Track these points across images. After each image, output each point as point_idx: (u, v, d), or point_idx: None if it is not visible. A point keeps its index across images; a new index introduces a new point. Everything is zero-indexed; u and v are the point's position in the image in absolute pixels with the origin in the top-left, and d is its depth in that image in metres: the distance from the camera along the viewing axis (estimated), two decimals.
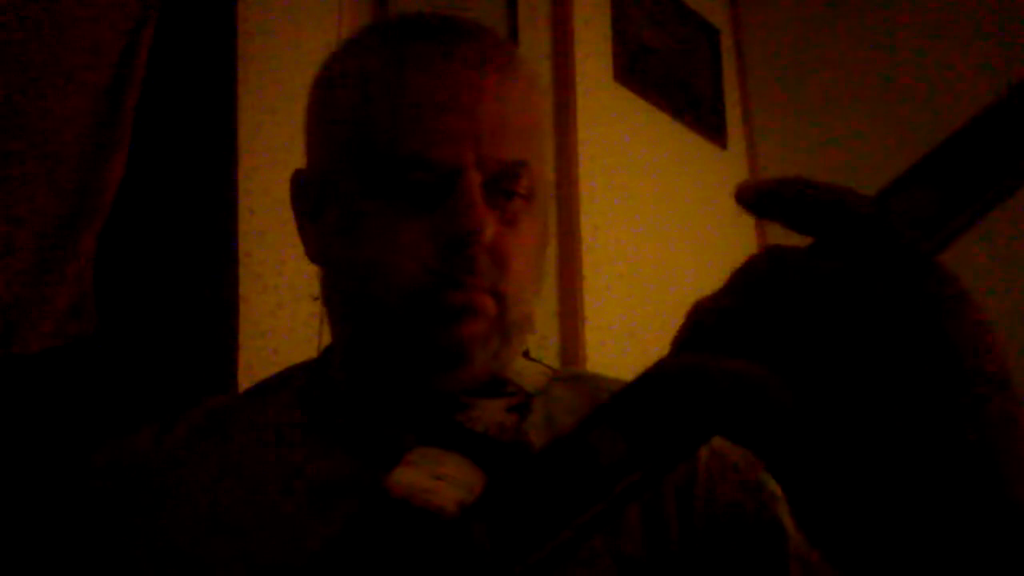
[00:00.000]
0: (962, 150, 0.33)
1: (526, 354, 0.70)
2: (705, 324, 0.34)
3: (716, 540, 0.57)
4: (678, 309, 0.35)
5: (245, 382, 1.24)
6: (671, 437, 0.33)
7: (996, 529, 0.30)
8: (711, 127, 2.49)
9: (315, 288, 1.38)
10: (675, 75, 2.38)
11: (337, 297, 0.66)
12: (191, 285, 1.26)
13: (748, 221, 2.59)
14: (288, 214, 0.68)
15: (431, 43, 0.61)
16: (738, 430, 0.33)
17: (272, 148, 1.40)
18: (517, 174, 0.61)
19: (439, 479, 0.55)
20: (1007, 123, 0.33)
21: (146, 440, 0.67)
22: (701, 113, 2.46)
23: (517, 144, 0.61)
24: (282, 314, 1.39)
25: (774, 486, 0.59)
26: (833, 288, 0.31)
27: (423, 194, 0.59)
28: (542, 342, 1.78)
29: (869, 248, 0.31)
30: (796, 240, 0.35)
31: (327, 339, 0.71)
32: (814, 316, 0.32)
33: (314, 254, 0.67)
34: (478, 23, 0.65)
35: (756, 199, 0.34)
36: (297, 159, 0.69)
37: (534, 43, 1.95)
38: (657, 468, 0.33)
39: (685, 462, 0.35)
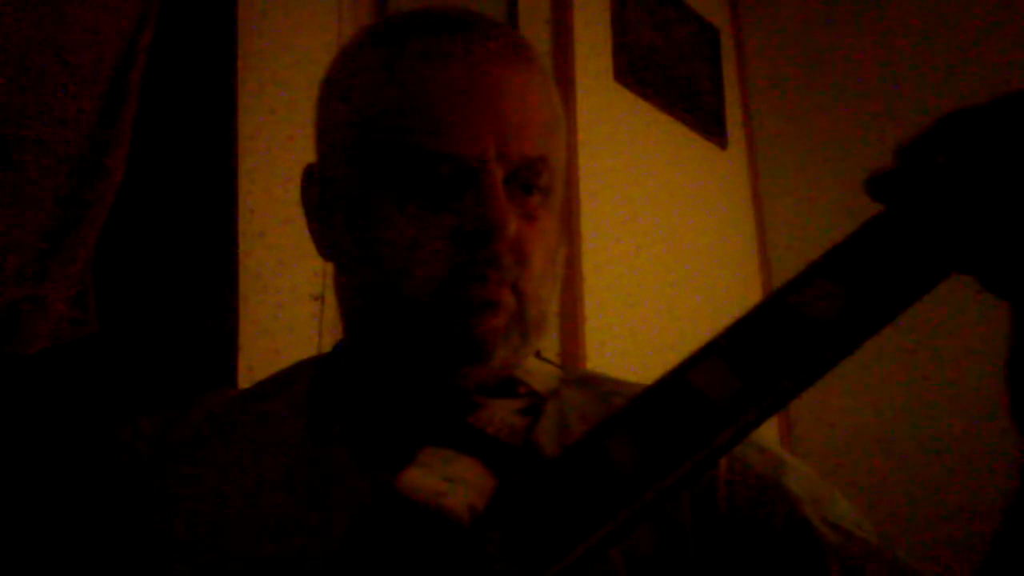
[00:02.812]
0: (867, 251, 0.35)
1: (537, 354, 0.70)
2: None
3: (741, 546, 0.57)
4: (678, 309, 0.35)
5: (245, 382, 1.24)
6: (689, 447, 0.32)
7: None
8: (711, 127, 2.49)
9: (315, 288, 1.38)
10: (675, 75, 2.38)
11: (352, 293, 0.65)
12: (191, 285, 1.26)
13: (748, 221, 2.58)
14: (288, 214, 0.68)
15: (451, 38, 0.61)
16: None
17: (272, 148, 1.40)
18: (538, 170, 0.61)
19: (450, 481, 0.55)
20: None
21: (149, 435, 0.67)
22: (701, 113, 2.46)
23: (538, 139, 0.61)
24: (282, 314, 1.39)
25: (796, 489, 0.58)
26: None
27: (443, 188, 0.59)
28: (542, 343, 1.77)
29: None
30: (796, 241, 0.35)
31: (327, 339, 0.70)
32: None
33: (327, 250, 0.66)
34: (496, 19, 0.65)
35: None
36: (297, 159, 0.69)
37: (534, 43, 1.95)
38: (676, 480, 0.32)
39: (704, 472, 0.34)
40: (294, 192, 0.68)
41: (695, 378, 0.34)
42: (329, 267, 0.69)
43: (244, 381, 1.25)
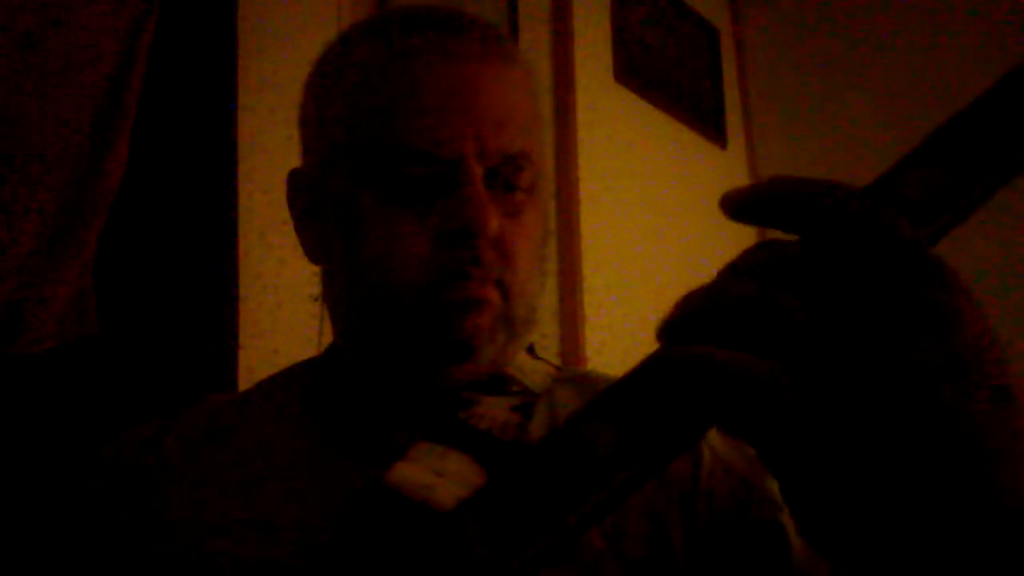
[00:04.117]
0: (967, 128, 0.33)
1: (531, 351, 0.70)
2: (697, 314, 0.33)
3: (719, 546, 0.57)
4: None
5: (245, 382, 1.24)
6: (666, 429, 0.33)
7: (990, 530, 0.29)
8: (711, 127, 2.49)
9: (315, 288, 1.38)
10: (675, 75, 2.38)
11: (340, 295, 0.65)
12: (191, 285, 1.26)
13: None
14: (288, 214, 0.68)
15: (429, 36, 0.61)
16: (738, 422, 0.32)
17: (272, 148, 1.40)
18: (520, 166, 0.61)
19: (440, 476, 0.55)
20: (1010, 104, 0.33)
21: (147, 438, 0.67)
22: (701, 113, 2.46)
23: (518, 136, 0.61)
24: (282, 314, 1.39)
25: (777, 493, 0.58)
26: (829, 280, 0.31)
27: (424, 188, 0.59)
28: (542, 342, 1.78)
29: (861, 241, 0.31)
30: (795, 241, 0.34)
31: (327, 339, 0.71)
32: (812, 307, 0.31)
33: (314, 254, 0.67)
34: (475, 16, 0.65)
35: (743, 205, 0.34)
36: (297, 159, 0.69)
37: (534, 43, 1.95)
38: (653, 460, 0.33)
39: (682, 454, 0.34)
40: None
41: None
42: None
43: (244, 381, 1.25)
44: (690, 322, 0.33)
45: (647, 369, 0.34)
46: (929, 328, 0.30)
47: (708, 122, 2.48)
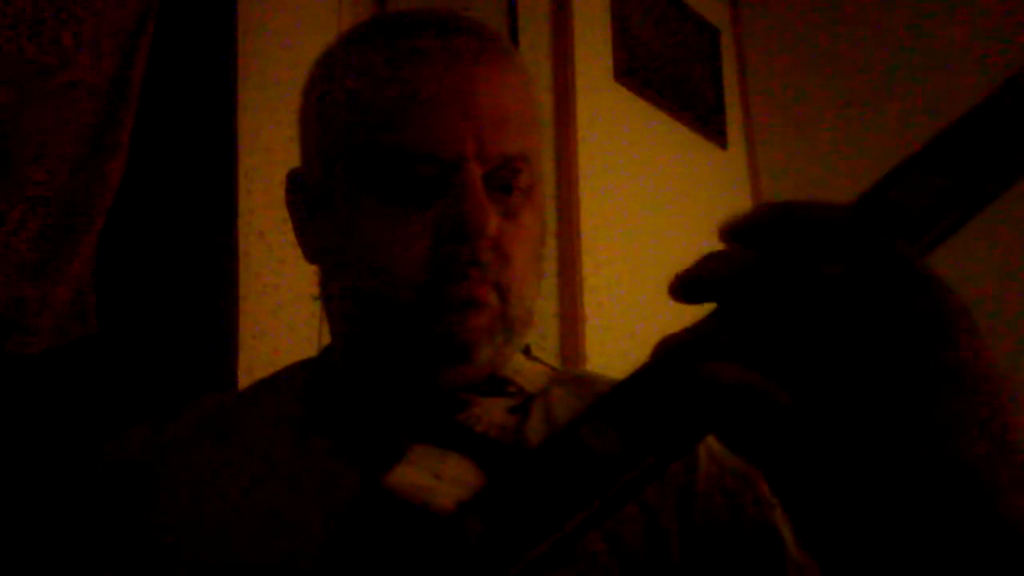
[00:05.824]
0: (966, 135, 0.33)
1: (528, 353, 0.70)
2: (693, 334, 0.34)
3: (715, 545, 0.57)
4: (678, 309, 0.35)
5: (245, 382, 1.24)
6: (666, 433, 0.33)
7: (983, 541, 0.30)
8: (711, 127, 2.49)
9: (315, 288, 1.38)
10: (675, 75, 2.38)
11: (338, 295, 0.65)
12: (191, 285, 1.26)
13: None
14: (288, 214, 0.68)
15: (429, 38, 0.61)
16: (735, 434, 0.33)
17: (272, 148, 1.40)
18: (518, 168, 0.61)
19: (439, 478, 0.55)
20: (1011, 111, 0.33)
21: (145, 437, 0.67)
22: (701, 113, 2.46)
23: (517, 137, 0.61)
24: (282, 314, 1.39)
25: (771, 493, 0.59)
26: (821, 296, 0.32)
27: (424, 188, 0.59)
28: (542, 342, 1.78)
29: (854, 257, 0.31)
30: None
31: (327, 339, 0.71)
32: (805, 323, 0.32)
33: (313, 254, 0.67)
34: (472, 19, 0.65)
35: (742, 230, 0.34)
36: (297, 159, 0.69)
37: (534, 43, 1.95)
38: (653, 465, 0.33)
39: (681, 459, 0.35)
40: None
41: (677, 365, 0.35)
42: None
43: (244, 381, 1.25)
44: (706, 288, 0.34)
45: (645, 375, 0.34)
46: (921, 342, 0.31)
47: (708, 122, 2.48)
